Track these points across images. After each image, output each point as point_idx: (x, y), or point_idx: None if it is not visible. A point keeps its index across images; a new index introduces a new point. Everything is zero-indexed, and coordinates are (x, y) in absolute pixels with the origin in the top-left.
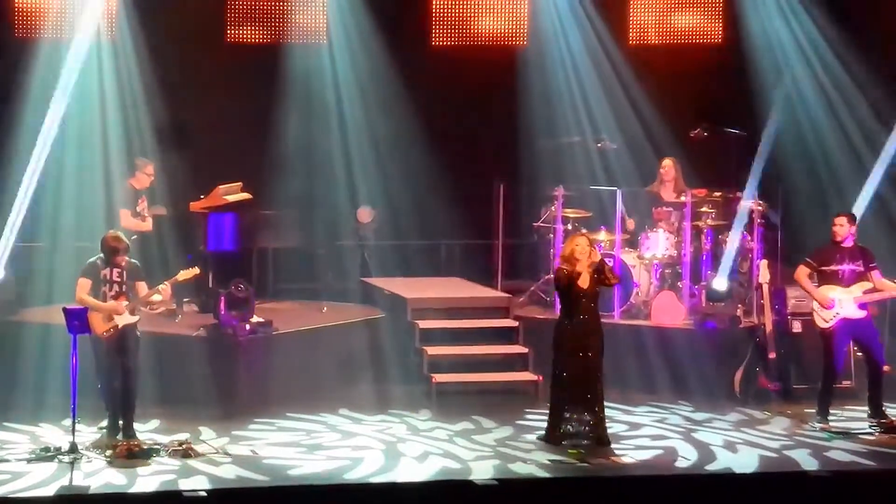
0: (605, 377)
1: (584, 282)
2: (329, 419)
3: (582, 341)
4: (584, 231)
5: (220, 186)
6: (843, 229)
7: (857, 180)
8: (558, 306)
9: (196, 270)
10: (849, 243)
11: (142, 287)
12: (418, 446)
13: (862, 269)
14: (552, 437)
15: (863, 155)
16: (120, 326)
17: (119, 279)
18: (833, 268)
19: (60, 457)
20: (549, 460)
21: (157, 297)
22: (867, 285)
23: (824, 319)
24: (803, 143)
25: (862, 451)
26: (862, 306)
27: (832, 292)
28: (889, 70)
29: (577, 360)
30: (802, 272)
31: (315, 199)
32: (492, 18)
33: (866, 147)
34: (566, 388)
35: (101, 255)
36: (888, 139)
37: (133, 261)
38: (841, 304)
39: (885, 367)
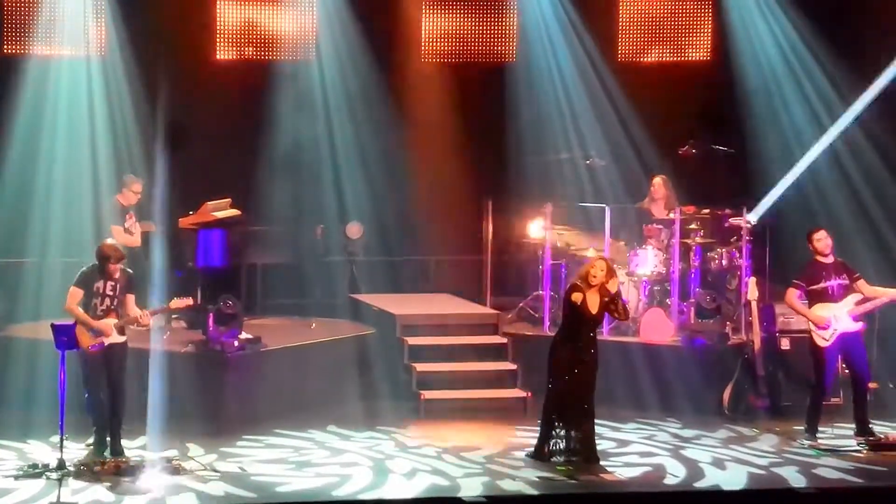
0: (595, 395)
1: (592, 306)
2: (317, 436)
3: (578, 361)
4: (605, 256)
5: (209, 203)
6: (828, 240)
7: (845, 195)
8: (546, 323)
9: (189, 301)
10: (830, 258)
11: (130, 300)
12: (407, 463)
13: (847, 281)
14: (541, 454)
15: (849, 169)
16: (106, 344)
17: (112, 293)
18: (822, 285)
19: (48, 473)
20: (539, 477)
21: (144, 320)
22: (857, 296)
23: (824, 339)
24: (791, 158)
25: (850, 469)
26: (856, 318)
27: (826, 310)
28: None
29: (571, 378)
30: (792, 294)
31: (304, 214)
32: (480, 34)
33: (853, 162)
34: (558, 406)
35: (96, 264)
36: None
37: (128, 270)
38: (837, 319)
39: (872, 384)
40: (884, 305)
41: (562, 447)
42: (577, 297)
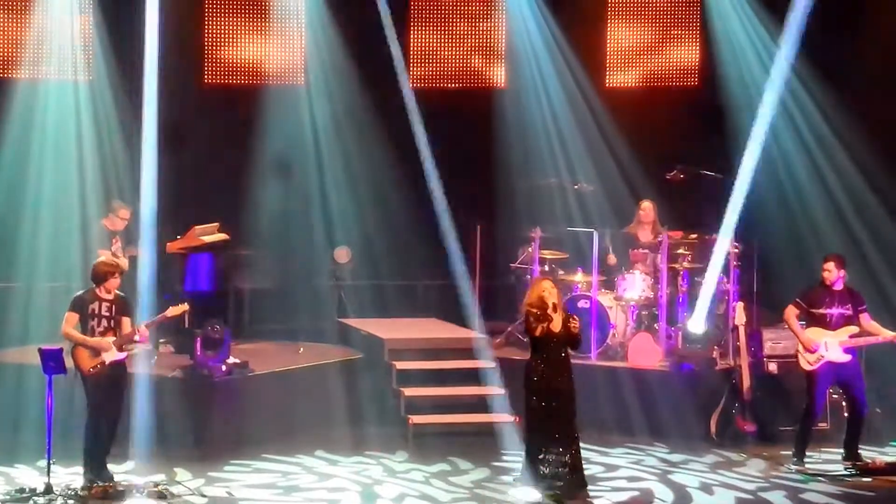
0: (580, 418)
1: (556, 325)
2: (305, 461)
3: (553, 383)
4: (547, 275)
5: (196, 227)
6: (832, 274)
7: (833, 221)
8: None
9: (185, 307)
10: (839, 286)
11: (126, 323)
12: (395, 488)
13: (850, 312)
14: (529, 479)
15: (838, 196)
16: (107, 363)
17: (108, 313)
18: (822, 311)
19: (35, 498)
20: (527, 502)
21: (136, 337)
22: (854, 329)
23: (808, 362)
24: (779, 184)
25: (837, 493)
26: (847, 350)
27: (818, 335)
28: (865, 111)
29: (549, 401)
30: (791, 312)
31: (292, 239)
32: (469, 60)
33: (841, 188)
34: (540, 430)
35: (91, 287)
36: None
37: (122, 294)
38: (826, 347)
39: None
40: (876, 343)
41: (549, 472)
42: (541, 329)
